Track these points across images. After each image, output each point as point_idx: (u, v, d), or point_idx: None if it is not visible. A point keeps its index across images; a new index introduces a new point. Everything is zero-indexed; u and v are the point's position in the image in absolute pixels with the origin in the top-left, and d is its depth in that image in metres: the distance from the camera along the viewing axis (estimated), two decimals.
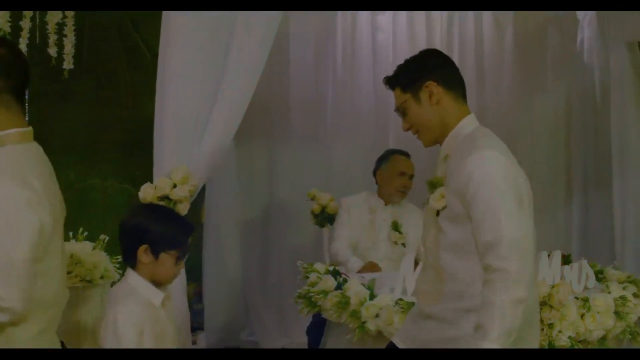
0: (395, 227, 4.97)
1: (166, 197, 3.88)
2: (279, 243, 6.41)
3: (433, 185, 2.70)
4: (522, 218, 2.50)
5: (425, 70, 2.76)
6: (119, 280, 2.90)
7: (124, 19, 6.37)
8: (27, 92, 2.39)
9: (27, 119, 2.43)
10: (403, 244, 4.94)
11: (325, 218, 5.41)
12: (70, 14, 4.81)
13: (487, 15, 6.47)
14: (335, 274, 4.12)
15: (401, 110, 2.80)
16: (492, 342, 2.41)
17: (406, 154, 5.18)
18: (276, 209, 6.42)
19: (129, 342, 2.64)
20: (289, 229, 6.40)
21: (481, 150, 2.57)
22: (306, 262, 4.38)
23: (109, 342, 2.66)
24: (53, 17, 4.75)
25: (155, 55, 6.42)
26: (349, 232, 4.98)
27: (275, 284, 6.38)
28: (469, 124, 2.74)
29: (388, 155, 5.18)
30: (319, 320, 4.40)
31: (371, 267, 4.70)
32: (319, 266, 4.28)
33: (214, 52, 4.07)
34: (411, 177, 5.07)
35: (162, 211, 3.07)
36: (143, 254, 2.76)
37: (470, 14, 6.43)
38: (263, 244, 6.42)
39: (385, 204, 5.05)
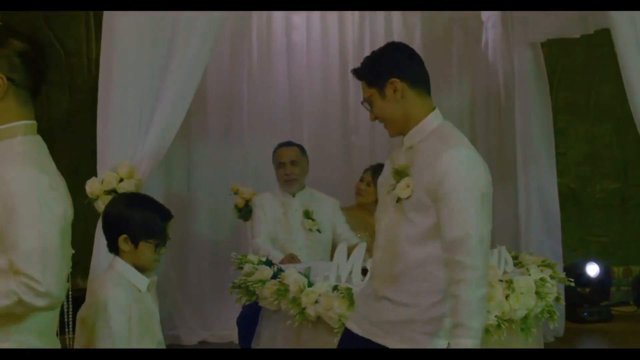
0: (307, 215, 5.15)
1: (113, 191, 3.94)
2: (198, 238, 6.49)
3: (399, 174, 2.81)
4: (484, 215, 2.67)
5: (390, 67, 2.87)
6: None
7: (36, 17, 6.30)
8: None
9: None
10: (318, 230, 5.13)
11: (249, 211, 5.51)
12: None
13: (396, 17, 6.69)
14: (269, 264, 4.26)
15: (368, 103, 2.93)
16: (474, 337, 2.58)
17: (288, 144, 5.38)
18: (194, 204, 6.48)
19: (117, 324, 2.78)
20: (207, 223, 6.50)
21: (454, 148, 2.72)
22: (230, 256, 4.54)
23: (99, 325, 2.78)
24: None
25: (69, 53, 6.48)
26: (266, 227, 5.12)
27: (194, 279, 6.46)
28: (434, 118, 2.86)
29: (274, 152, 5.38)
30: (249, 311, 4.52)
31: (290, 258, 4.82)
32: (252, 257, 4.43)
33: (156, 50, 4.17)
34: (292, 162, 5.21)
35: (140, 201, 3.13)
36: (123, 243, 2.92)
37: (380, 16, 6.64)
38: (182, 239, 6.46)
39: (293, 196, 5.21)
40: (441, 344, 2.75)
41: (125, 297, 2.84)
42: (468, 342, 2.58)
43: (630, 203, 7.54)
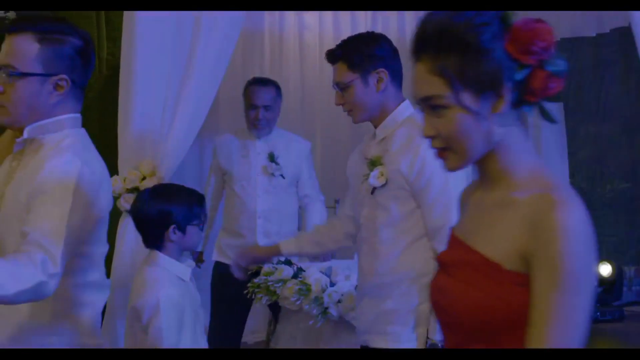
0: (272, 158, 4.90)
1: (135, 189, 3.95)
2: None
3: (373, 164, 2.86)
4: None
5: (380, 57, 2.92)
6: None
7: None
8: None
9: None
10: (282, 175, 4.92)
11: None
12: (11, 13, 4.73)
13: (409, 16, 6.67)
14: (289, 263, 4.25)
15: (342, 87, 2.96)
16: None
17: (263, 82, 5.04)
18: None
19: (169, 323, 2.80)
20: None
21: None
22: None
23: (152, 324, 2.79)
24: None
25: None
26: (217, 179, 5.13)
27: None
28: (405, 108, 2.93)
29: (245, 88, 5.07)
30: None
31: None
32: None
33: (178, 49, 4.16)
34: (266, 107, 4.88)
35: (176, 191, 3.15)
36: (172, 234, 2.96)
37: (393, 16, 6.61)
38: None
39: (259, 138, 4.98)
40: (421, 332, 2.79)
41: (177, 295, 2.87)
42: None
43: (639, 203, 7.54)
